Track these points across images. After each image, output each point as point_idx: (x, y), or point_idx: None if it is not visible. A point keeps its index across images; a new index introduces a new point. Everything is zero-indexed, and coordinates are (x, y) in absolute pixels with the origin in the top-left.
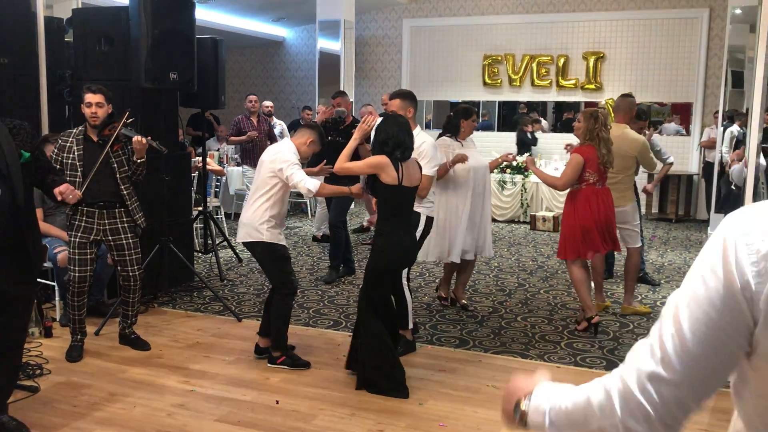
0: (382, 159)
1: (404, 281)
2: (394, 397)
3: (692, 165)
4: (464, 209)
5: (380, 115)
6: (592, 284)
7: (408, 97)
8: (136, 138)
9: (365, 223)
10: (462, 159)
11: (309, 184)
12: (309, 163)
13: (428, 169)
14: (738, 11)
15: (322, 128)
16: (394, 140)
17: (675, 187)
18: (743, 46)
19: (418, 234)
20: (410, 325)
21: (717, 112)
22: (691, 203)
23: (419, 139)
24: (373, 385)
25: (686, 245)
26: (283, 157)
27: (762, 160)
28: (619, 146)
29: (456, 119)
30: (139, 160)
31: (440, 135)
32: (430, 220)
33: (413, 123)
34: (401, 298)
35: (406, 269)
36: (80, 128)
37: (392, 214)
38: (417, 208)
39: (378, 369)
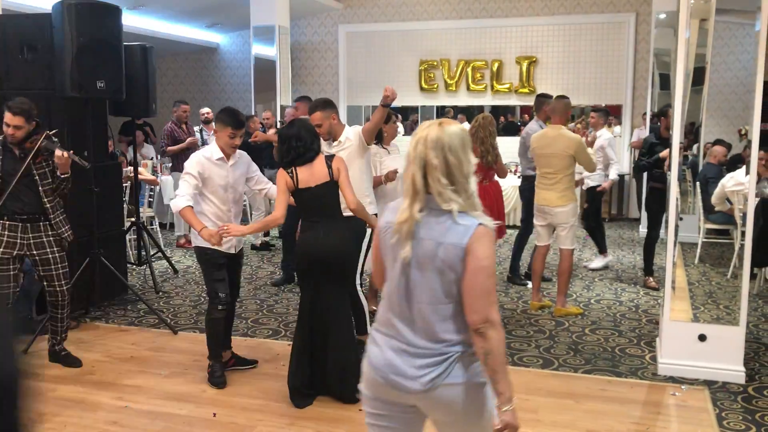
0: (281, 174)
1: (357, 287)
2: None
3: (623, 165)
4: None
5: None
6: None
7: (327, 105)
8: (58, 153)
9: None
10: (393, 177)
11: (175, 203)
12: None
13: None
14: (662, 16)
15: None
16: (295, 151)
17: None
18: (668, 50)
19: (367, 238)
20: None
21: (645, 113)
22: (623, 202)
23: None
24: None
25: (619, 243)
26: (186, 162)
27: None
28: (556, 146)
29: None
30: (63, 175)
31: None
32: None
33: (340, 126)
34: (356, 303)
35: (358, 275)
36: (1, 137)
37: (301, 213)
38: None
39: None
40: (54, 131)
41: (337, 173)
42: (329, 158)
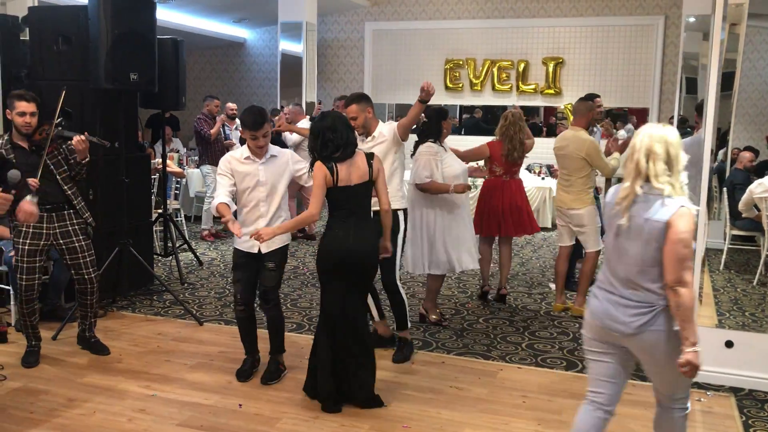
0: (320, 168)
1: (397, 282)
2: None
3: None
4: (455, 217)
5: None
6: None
7: (362, 99)
8: (77, 138)
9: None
10: (465, 190)
11: (213, 202)
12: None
13: (411, 179)
14: (692, 19)
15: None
16: (332, 143)
17: None
18: (697, 54)
19: (401, 234)
20: (408, 325)
21: (672, 117)
22: None
23: (420, 150)
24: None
25: None
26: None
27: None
28: (570, 148)
29: (437, 121)
30: (83, 161)
31: (420, 140)
32: (406, 213)
33: (375, 122)
34: (397, 297)
35: (397, 270)
36: (5, 137)
37: (333, 212)
38: (393, 205)
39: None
40: (59, 119)
41: (376, 173)
42: (370, 156)
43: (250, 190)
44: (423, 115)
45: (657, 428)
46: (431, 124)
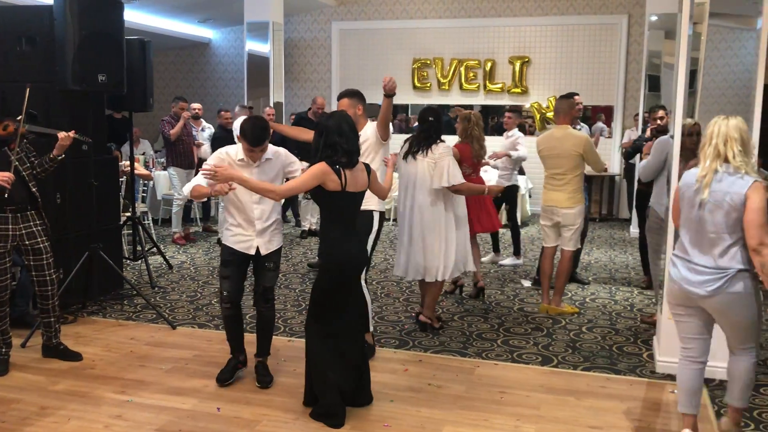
0: (323, 167)
1: (362, 282)
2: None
3: (614, 166)
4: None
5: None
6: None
7: (355, 95)
8: (64, 134)
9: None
10: (500, 191)
11: (186, 186)
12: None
13: (446, 181)
14: (654, 18)
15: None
16: (341, 147)
17: (598, 188)
18: (660, 52)
19: (373, 234)
20: (371, 328)
21: (637, 114)
22: (613, 203)
23: (440, 150)
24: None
25: (610, 243)
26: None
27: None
28: (564, 146)
29: (439, 119)
30: (59, 157)
31: (427, 142)
32: (382, 215)
33: (363, 120)
34: (361, 300)
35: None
36: None
37: (336, 219)
38: (368, 206)
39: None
40: (19, 117)
41: (372, 182)
42: (367, 167)
43: (243, 192)
44: (420, 117)
45: (731, 373)
46: (436, 123)
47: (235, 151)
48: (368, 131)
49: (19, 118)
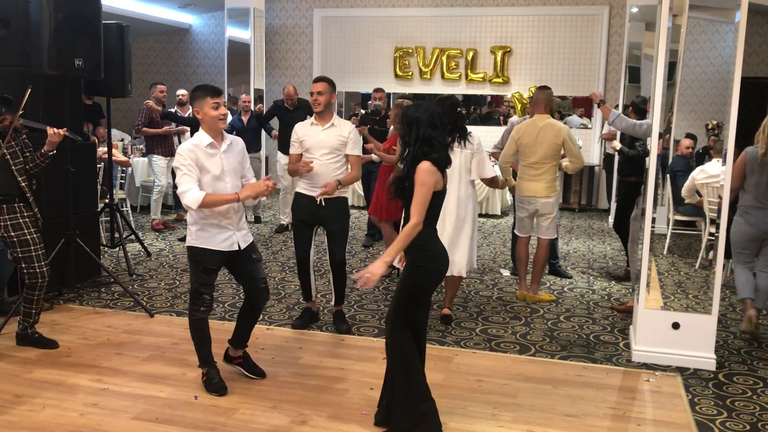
0: (430, 168)
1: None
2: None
3: (594, 157)
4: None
5: (405, 105)
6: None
7: (332, 83)
8: (55, 130)
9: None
10: (512, 185)
11: (190, 198)
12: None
13: (490, 171)
14: (635, 10)
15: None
16: (437, 142)
17: (578, 178)
18: (640, 43)
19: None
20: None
21: (617, 105)
22: (592, 193)
23: (477, 141)
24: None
25: (589, 233)
26: (176, 156)
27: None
28: (546, 135)
29: (461, 112)
30: (50, 153)
31: (464, 133)
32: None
33: (330, 112)
34: (342, 275)
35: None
36: None
37: (429, 223)
38: (344, 192)
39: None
40: (21, 112)
41: None
42: None
43: (215, 181)
44: (446, 108)
45: (758, 286)
46: (461, 117)
47: (199, 139)
48: (346, 130)
49: (19, 111)
